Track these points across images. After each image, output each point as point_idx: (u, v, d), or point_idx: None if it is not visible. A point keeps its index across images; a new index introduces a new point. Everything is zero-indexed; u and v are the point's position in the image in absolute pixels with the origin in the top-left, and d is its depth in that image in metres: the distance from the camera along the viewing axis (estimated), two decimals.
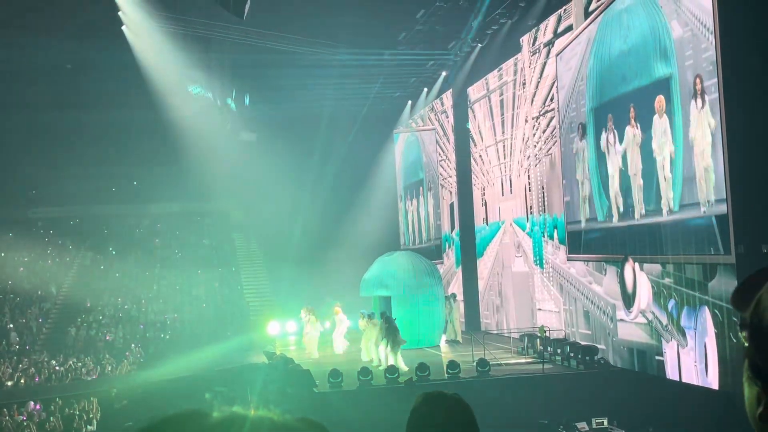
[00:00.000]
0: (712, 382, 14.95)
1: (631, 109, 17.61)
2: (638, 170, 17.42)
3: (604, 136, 18.89)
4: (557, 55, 21.34)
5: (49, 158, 36.94)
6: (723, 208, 14.37)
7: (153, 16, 25.52)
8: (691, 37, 15.26)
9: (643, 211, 17.25)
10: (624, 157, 17.98)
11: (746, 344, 1.24)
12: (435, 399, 2.43)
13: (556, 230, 22.01)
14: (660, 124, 16.47)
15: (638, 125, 17.37)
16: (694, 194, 15.28)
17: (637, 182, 17.50)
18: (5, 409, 19.95)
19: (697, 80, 15.02)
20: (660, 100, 16.40)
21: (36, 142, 36.54)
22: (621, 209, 18.25)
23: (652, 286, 16.98)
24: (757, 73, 14.00)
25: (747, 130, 14.14)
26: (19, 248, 34.78)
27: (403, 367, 18.88)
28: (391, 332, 19.77)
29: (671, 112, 16.06)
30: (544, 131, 22.64)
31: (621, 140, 18.06)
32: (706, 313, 14.99)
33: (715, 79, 14.46)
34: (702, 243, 15.11)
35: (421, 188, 34.79)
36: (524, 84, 23.84)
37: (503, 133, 25.68)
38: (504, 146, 25.71)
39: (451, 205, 30.69)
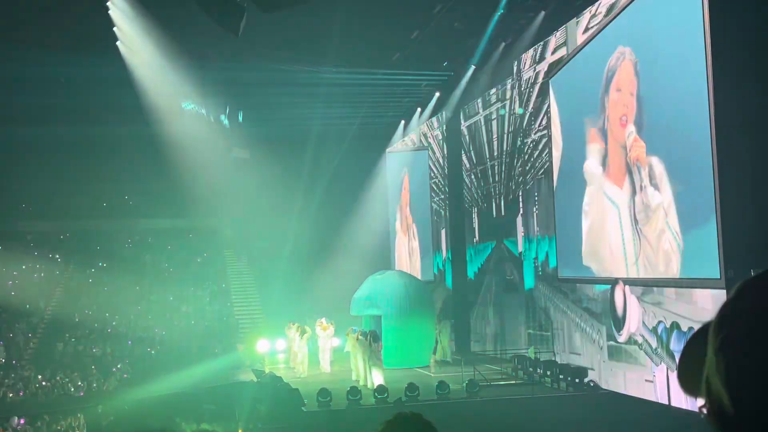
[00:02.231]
0: None
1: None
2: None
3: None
4: (551, 78, 21.46)
5: (40, 172, 36.79)
6: (713, 232, 14.40)
7: (148, 32, 25.54)
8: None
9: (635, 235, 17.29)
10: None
11: (715, 428, 1.15)
12: (397, 422, 2.42)
13: (547, 252, 22.03)
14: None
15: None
16: (685, 219, 15.33)
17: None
18: None
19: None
20: None
21: (27, 155, 36.39)
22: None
23: (642, 309, 16.99)
24: (750, 97, 14.07)
25: (738, 155, 14.20)
26: (7, 262, 34.54)
27: (376, 382, 18.77)
28: (369, 347, 19.72)
29: None
30: (537, 153, 22.71)
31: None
32: None
33: (707, 105, 14.55)
34: (692, 267, 15.13)
35: None
36: (518, 106, 23.94)
37: (496, 154, 25.75)
38: (497, 167, 25.77)
39: (444, 225, 30.69)
